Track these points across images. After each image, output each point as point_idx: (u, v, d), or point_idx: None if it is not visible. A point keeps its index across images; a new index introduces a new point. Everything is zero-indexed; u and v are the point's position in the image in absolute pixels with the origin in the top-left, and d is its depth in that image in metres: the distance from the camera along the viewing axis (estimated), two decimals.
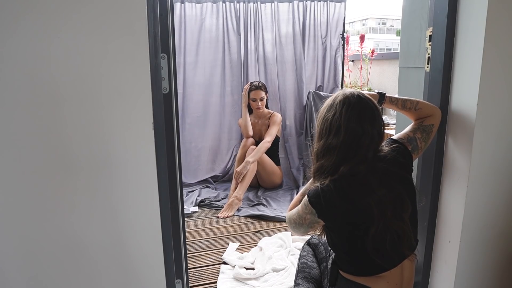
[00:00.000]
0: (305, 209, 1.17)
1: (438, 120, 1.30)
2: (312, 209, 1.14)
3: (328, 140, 1.12)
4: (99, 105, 1.07)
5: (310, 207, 1.14)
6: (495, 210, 1.33)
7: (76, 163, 1.09)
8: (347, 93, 1.13)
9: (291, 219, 1.26)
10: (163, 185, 1.19)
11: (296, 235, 1.41)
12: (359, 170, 1.09)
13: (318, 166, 1.16)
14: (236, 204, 2.71)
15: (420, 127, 1.27)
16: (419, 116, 1.30)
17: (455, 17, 1.27)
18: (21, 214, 1.08)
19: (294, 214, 1.24)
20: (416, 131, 1.26)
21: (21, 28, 0.98)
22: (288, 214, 1.30)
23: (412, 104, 1.29)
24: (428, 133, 1.27)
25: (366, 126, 1.09)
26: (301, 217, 1.20)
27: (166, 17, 1.14)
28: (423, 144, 1.25)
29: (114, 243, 1.18)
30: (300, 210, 1.19)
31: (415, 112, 1.30)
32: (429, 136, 1.27)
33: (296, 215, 1.22)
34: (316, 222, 1.17)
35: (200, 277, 1.88)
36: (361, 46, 4.26)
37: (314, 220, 1.16)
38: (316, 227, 1.21)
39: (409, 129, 1.28)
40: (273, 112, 3.17)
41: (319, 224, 1.19)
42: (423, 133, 1.26)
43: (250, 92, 3.07)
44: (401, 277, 1.16)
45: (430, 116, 1.29)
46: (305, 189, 1.33)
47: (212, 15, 3.29)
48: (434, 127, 1.28)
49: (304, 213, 1.17)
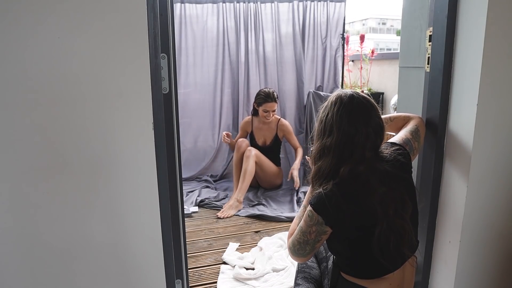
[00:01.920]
0: (310, 221, 1.11)
1: (418, 121, 1.35)
2: (319, 217, 1.09)
3: (323, 141, 1.12)
4: (99, 105, 1.07)
5: (316, 215, 1.09)
6: (495, 210, 1.33)
7: (76, 163, 1.09)
8: (340, 93, 1.14)
9: (294, 241, 1.18)
10: (163, 185, 1.19)
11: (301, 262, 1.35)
12: (359, 171, 1.08)
13: (316, 169, 1.15)
14: (236, 206, 2.72)
15: (407, 131, 1.31)
16: (397, 125, 1.37)
17: (455, 17, 1.27)
18: (21, 214, 1.08)
19: (297, 234, 1.17)
20: (407, 133, 1.29)
21: (21, 29, 0.98)
22: (290, 240, 1.21)
23: (386, 119, 1.35)
24: (417, 133, 1.30)
25: (359, 125, 1.08)
26: (305, 234, 1.14)
27: (166, 17, 1.14)
28: (416, 144, 1.28)
29: (114, 243, 1.18)
30: (304, 226, 1.14)
31: (392, 124, 1.38)
32: (418, 135, 1.30)
33: (299, 234, 1.16)
34: (323, 232, 1.12)
35: (200, 277, 1.88)
36: (361, 46, 4.26)
37: (321, 231, 1.11)
38: (322, 240, 1.15)
39: (400, 134, 1.31)
40: (279, 119, 3.09)
41: (326, 235, 1.13)
42: (412, 133, 1.30)
43: (263, 104, 2.90)
44: (402, 279, 1.16)
45: (408, 121, 1.36)
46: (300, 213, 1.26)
47: (213, 16, 3.29)
48: (419, 127, 1.32)
49: (309, 226, 1.12)
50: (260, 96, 2.94)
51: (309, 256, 1.19)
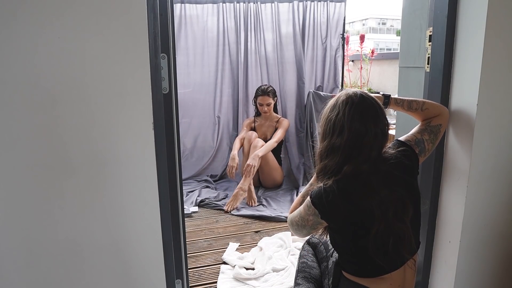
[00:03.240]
0: (308, 210, 1.16)
1: (446, 119, 1.28)
2: (315, 210, 1.13)
3: (332, 140, 1.12)
4: (99, 105, 1.07)
5: (313, 208, 1.13)
6: (495, 210, 1.33)
7: (77, 163, 1.09)
8: (350, 93, 1.13)
9: (293, 221, 1.25)
10: (163, 185, 1.19)
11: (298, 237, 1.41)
12: (362, 169, 1.09)
13: (322, 166, 1.15)
14: (241, 195, 2.75)
15: (428, 128, 1.25)
16: (426, 116, 1.27)
17: (455, 17, 1.27)
18: (21, 214, 1.08)
19: (296, 216, 1.23)
20: (424, 132, 1.24)
21: (21, 29, 0.98)
22: (290, 216, 1.29)
23: (418, 105, 1.27)
24: (436, 134, 1.24)
25: (370, 125, 1.08)
26: (303, 219, 1.19)
27: (166, 17, 1.14)
28: (430, 145, 1.23)
29: (114, 243, 1.18)
30: (303, 212, 1.19)
31: (421, 113, 1.27)
32: (436, 137, 1.25)
33: (298, 217, 1.21)
34: (319, 223, 1.16)
35: (200, 277, 1.88)
36: (361, 46, 4.26)
37: (317, 222, 1.16)
38: (319, 228, 1.20)
39: (416, 130, 1.26)
40: (281, 117, 3.19)
41: (322, 225, 1.18)
42: (430, 134, 1.24)
43: (258, 97, 3.10)
44: (403, 280, 1.16)
45: (438, 115, 1.26)
46: (305, 190, 1.33)
47: (213, 16, 3.29)
48: (442, 127, 1.26)
49: (307, 214, 1.17)
50: (257, 90, 3.15)
51: (306, 236, 1.33)
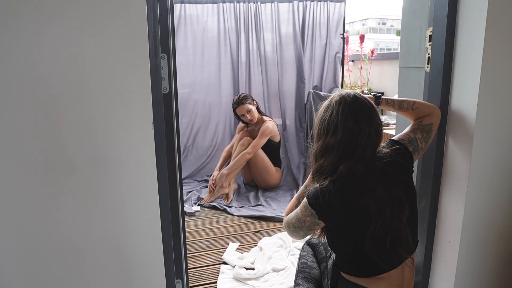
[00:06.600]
0: (305, 211, 1.16)
1: (437, 118, 1.30)
2: (312, 211, 1.13)
3: (327, 139, 1.13)
4: (99, 105, 1.07)
5: (310, 208, 1.14)
6: (495, 210, 1.33)
7: (77, 163, 1.09)
8: (343, 94, 1.15)
9: (290, 223, 1.24)
10: (163, 185, 1.19)
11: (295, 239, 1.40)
12: (357, 169, 1.10)
13: (318, 166, 1.16)
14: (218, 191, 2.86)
15: (420, 127, 1.26)
16: (417, 115, 1.30)
17: (455, 17, 1.27)
18: (21, 214, 1.08)
19: (293, 218, 1.22)
20: (416, 131, 1.26)
21: (21, 29, 0.98)
22: (286, 219, 1.28)
23: (409, 104, 1.30)
24: (428, 132, 1.26)
25: (363, 125, 1.10)
26: (300, 220, 1.19)
27: (166, 17, 1.14)
28: (423, 144, 1.25)
29: (114, 243, 1.18)
30: (299, 213, 1.19)
31: (412, 112, 1.30)
32: (429, 135, 1.26)
33: (295, 218, 1.21)
34: (316, 224, 1.16)
35: (200, 277, 1.88)
36: (361, 46, 4.26)
37: (314, 222, 1.16)
38: (316, 229, 1.20)
39: (409, 130, 1.28)
40: (266, 120, 3.03)
41: (319, 226, 1.18)
42: (423, 132, 1.26)
43: (235, 110, 2.97)
44: (401, 279, 1.16)
45: (429, 115, 1.28)
46: (299, 193, 1.33)
47: (213, 16, 3.29)
48: (433, 126, 1.27)
49: (304, 215, 1.17)
50: (232, 105, 3.03)
51: (303, 238, 1.29)
